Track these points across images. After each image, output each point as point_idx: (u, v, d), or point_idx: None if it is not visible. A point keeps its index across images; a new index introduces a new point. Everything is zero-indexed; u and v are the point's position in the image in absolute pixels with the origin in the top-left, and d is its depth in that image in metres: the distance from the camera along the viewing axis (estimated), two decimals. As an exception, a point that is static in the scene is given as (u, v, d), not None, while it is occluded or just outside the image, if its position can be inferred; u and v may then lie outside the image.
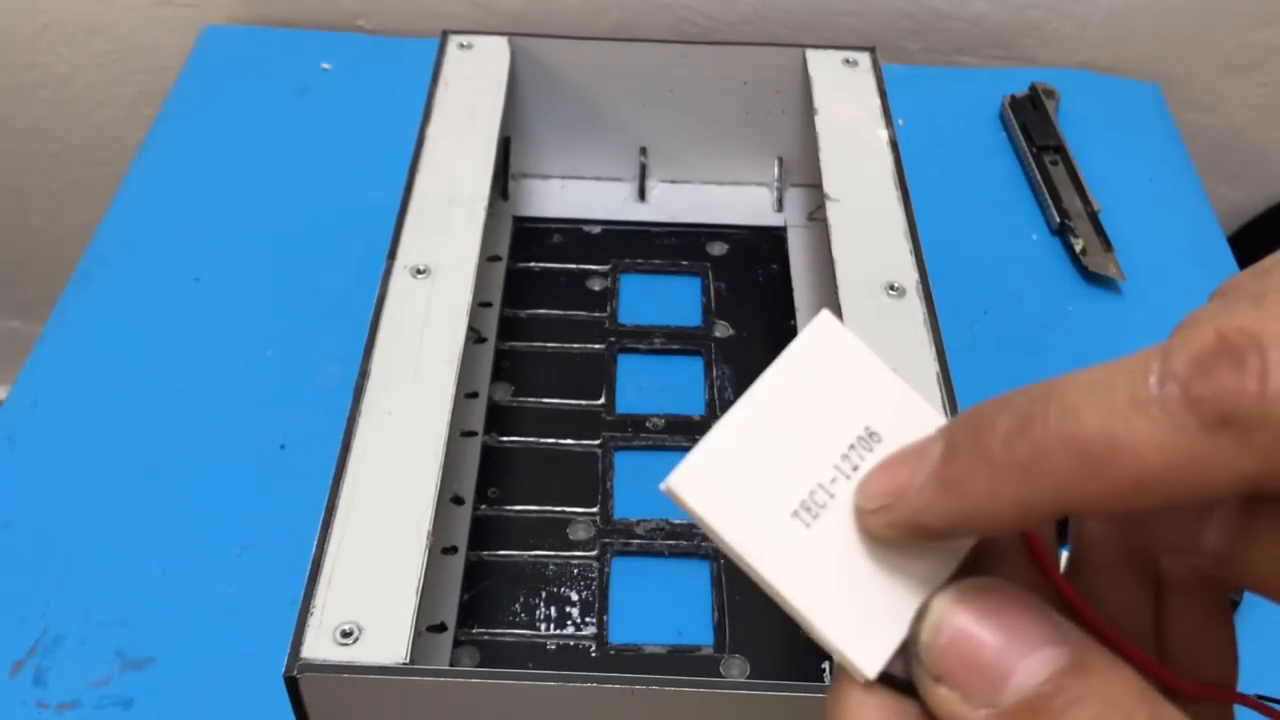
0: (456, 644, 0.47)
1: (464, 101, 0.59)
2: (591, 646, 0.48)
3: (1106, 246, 0.67)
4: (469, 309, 0.48)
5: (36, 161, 0.95)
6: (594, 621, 0.49)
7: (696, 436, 0.63)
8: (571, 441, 0.55)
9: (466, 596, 0.49)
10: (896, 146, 0.57)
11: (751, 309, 0.62)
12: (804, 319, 0.61)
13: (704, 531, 0.22)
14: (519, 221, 0.66)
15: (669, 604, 0.50)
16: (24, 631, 0.49)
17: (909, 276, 0.50)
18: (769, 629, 0.49)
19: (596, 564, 0.51)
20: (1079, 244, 0.67)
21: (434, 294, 0.48)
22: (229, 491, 0.54)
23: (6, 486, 0.54)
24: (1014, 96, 0.77)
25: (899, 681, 0.21)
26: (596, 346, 0.60)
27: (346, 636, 0.37)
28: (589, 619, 0.49)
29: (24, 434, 0.56)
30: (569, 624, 0.48)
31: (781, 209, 0.67)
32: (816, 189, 0.57)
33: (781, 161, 0.67)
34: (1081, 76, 0.81)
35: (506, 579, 0.50)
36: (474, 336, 0.58)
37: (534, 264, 0.64)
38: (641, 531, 0.52)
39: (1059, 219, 0.69)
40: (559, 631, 0.48)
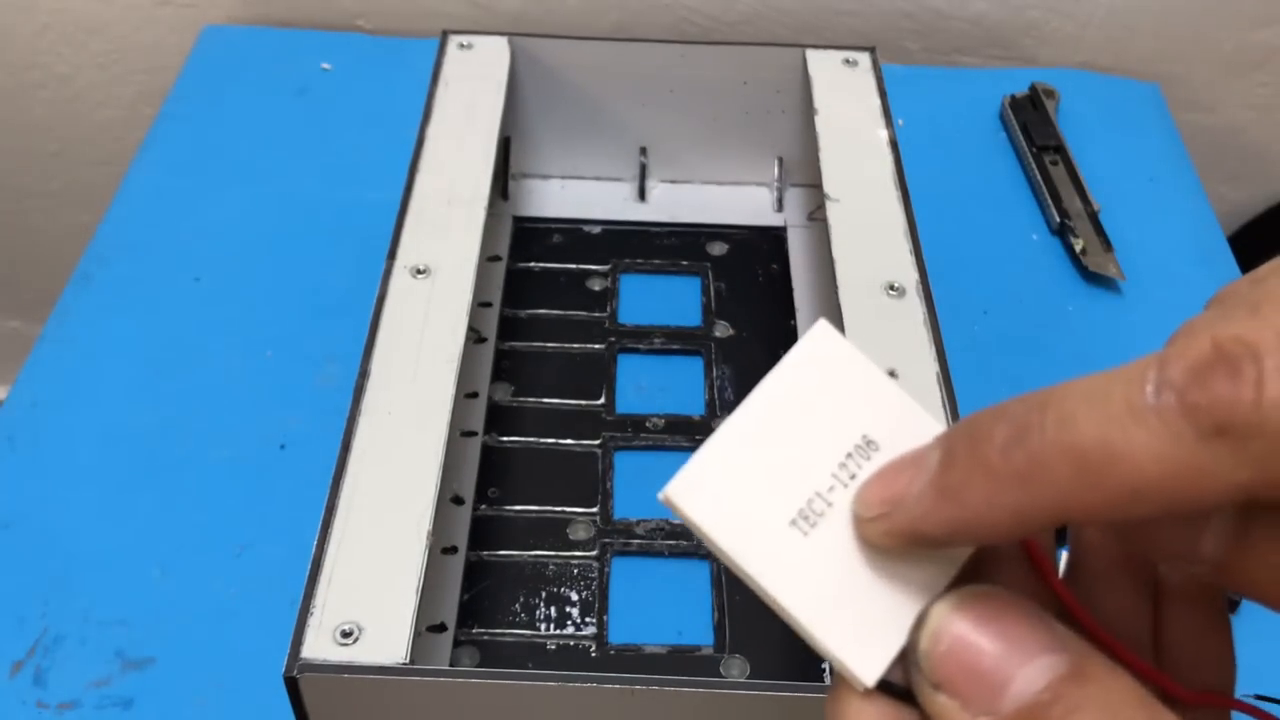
0: (456, 644, 0.47)
1: (464, 101, 0.59)
2: (591, 646, 0.48)
3: (1106, 246, 0.67)
4: (469, 309, 0.48)
5: (36, 161, 0.95)
6: (594, 621, 0.49)
7: (696, 436, 0.62)
8: (571, 441, 0.55)
9: (466, 596, 0.49)
10: (896, 146, 0.57)
11: (751, 309, 0.62)
12: (804, 319, 0.61)
13: (701, 540, 0.22)
14: (519, 221, 0.66)
15: (669, 604, 0.50)
16: (24, 631, 0.49)
17: (909, 276, 0.50)
18: (769, 629, 0.49)
19: (596, 564, 0.51)
20: (1079, 244, 0.67)
21: (434, 294, 0.48)
22: (229, 491, 0.54)
23: (6, 486, 0.54)
24: (1014, 96, 0.77)
25: (898, 689, 0.21)
26: (596, 346, 0.60)
27: (346, 636, 0.37)
28: (589, 619, 0.49)
29: (24, 434, 0.56)
30: (569, 624, 0.48)
31: (781, 209, 0.67)
32: (816, 189, 0.57)
33: (781, 161, 0.67)
34: (1081, 76, 0.81)
35: (506, 579, 0.50)
36: (474, 336, 0.58)
37: (534, 264, 0.64)
38: (641, 531, 0.52)
39: (1059, 219, 0.69)
40: (559, 631, 0.48)
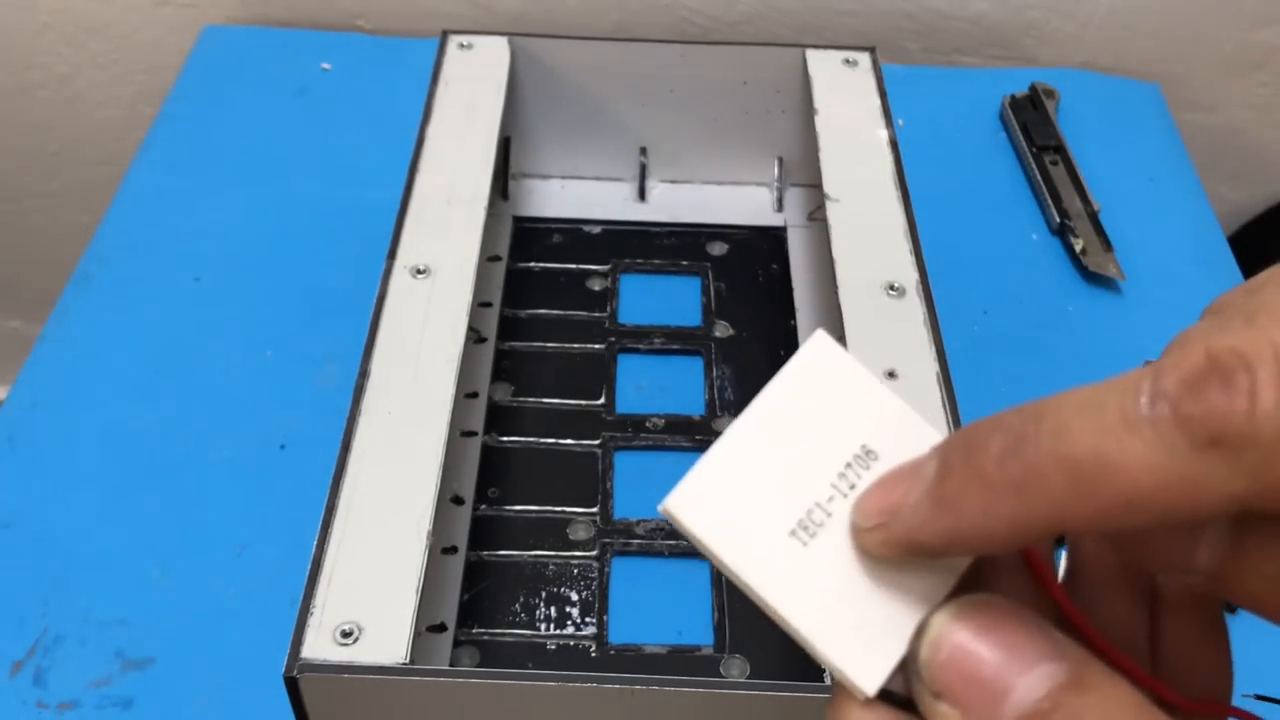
0: (456, 644, 0.47)
1: (464, 101, 0.59)
2: (591, 646, 0.48)
3: (1106, 246, 0.67)
4: (469, 309, 0.48)
5: (36, 161, 0.95)
6: (594, 621, 0.49)
7: (696, 436, 0.62)
8: (571, 441, 0.55)
9: (466, 596, 0.49)
10: (896, 146, 0.57)
11: (751, 309, 0.62)
12: (804, 319, 0.61)
13: (701, 551, 0.22)
14: (519, 221, 0.66)
15: (669, 604, 0.50)
16: (24, 631, 0.49)
17: (909, 276, 0.50)
18: (769, 629, 0.48)
19: (596, 564, 0.51)
20: (1079, 244, 0.67)
21: (434, 294, 0.48)
22: (229, 491, 0.54)
23: (6, 486, 0.54)
24: (1014, 96, 0.77)
25: (898, 698, 0.21)
26: (596, 346, 0.60)
27: (346, 636, 0.37)
28: (589, 619, 0.49)
29: (24, 434, 0.56)
30: (569, 624, 0.48)
31: (781, 209, 0.67)
32: (816, 189, 0.57)
33: (781, 161, 0.67)
34: (1081, 76, 0.81)
35: (506, 579, 0.50)
36: (474, 336, 0.58)
37: (534, 264, 0.64)
38: (641, 531, 0.52)
39: (1059, 219, 0.69)
40: (559, 631, 0.48)
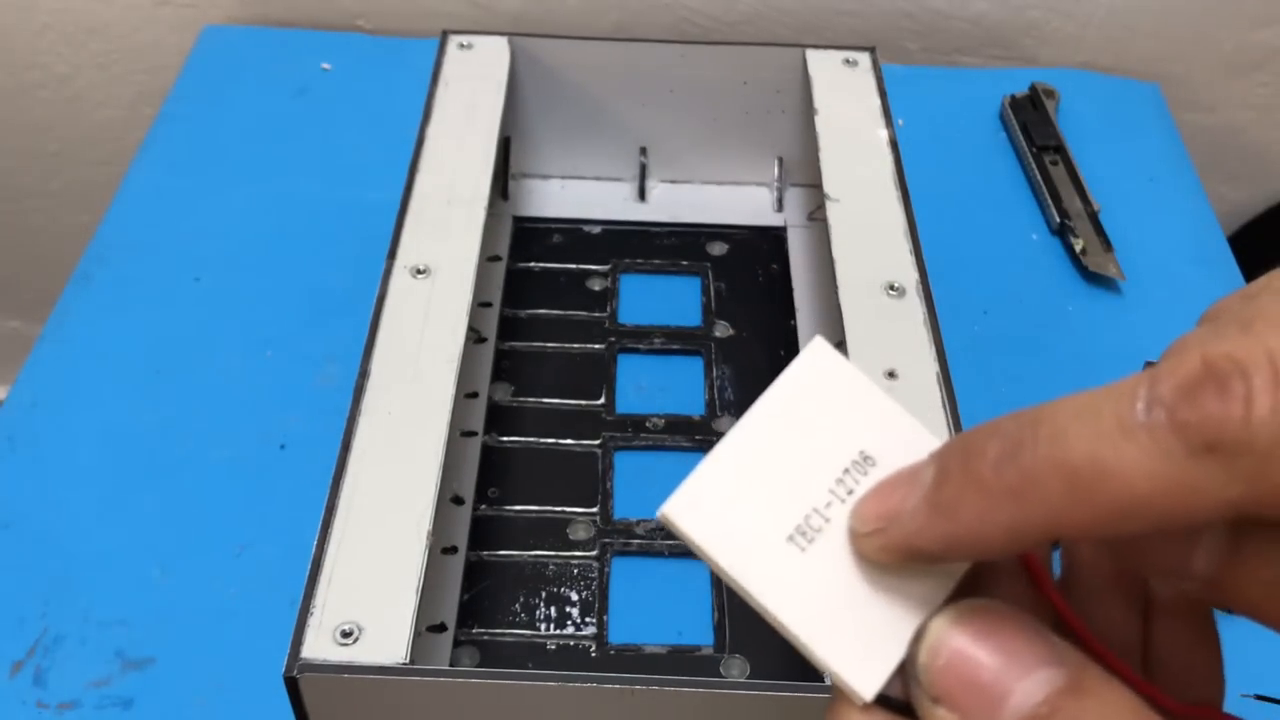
0: (456, 644, 0.47)
1: (464, 101, 0.59)
2: (591, 646, 0.48)
3: (1106, 246, 0.67)
4: (469, 309, 0.48)
5: (36, 161, 0.95)
6: (594, 621, 0.49)
7: (696, 436, 0.62)
8: (571, 441, 0.55)
9: (466, 596, 0.49)
10: (896, 146, 0.57)
11: (751, 309, 0.62)
12: (804, 319, 0.61)
13: (700, 557, 0.22)
14: (519, 221, 0.66)
15: (669, 604, 0.50)
16: (24, 631, 0.49)
17: (909, 276, 0.50)
18: (769, 629, 0.48)
19: (596, 564, 0.51)
20: (1079, 244, 0.67)
21: (434, 294, 0.48)
22: (229, 491, 0.54)
23: (6, 486, 0.54)
24: (1014, 96, 0.77)
25: (896, 703, 0.21)
26: (596, 346, 0.60)
27: (346, 636, 0.37)
28: (589, 619, 0.49)
29: (24, 434, 0.56)
30: (569, 624, 0.48)
31: (781, 209, 0.67)
32: (816, 189, 0.57)
33: (781, 161, 0.67)
34: (1081, 76, 0.81)
35: (506, 579, 0.50)
36: (474, 336, 0.58)
37: (534, 264, 0.64)
38: (641, 531, 0.52)
39: (1059, 219, 0.69)
40: (559, 631, 0.48)
